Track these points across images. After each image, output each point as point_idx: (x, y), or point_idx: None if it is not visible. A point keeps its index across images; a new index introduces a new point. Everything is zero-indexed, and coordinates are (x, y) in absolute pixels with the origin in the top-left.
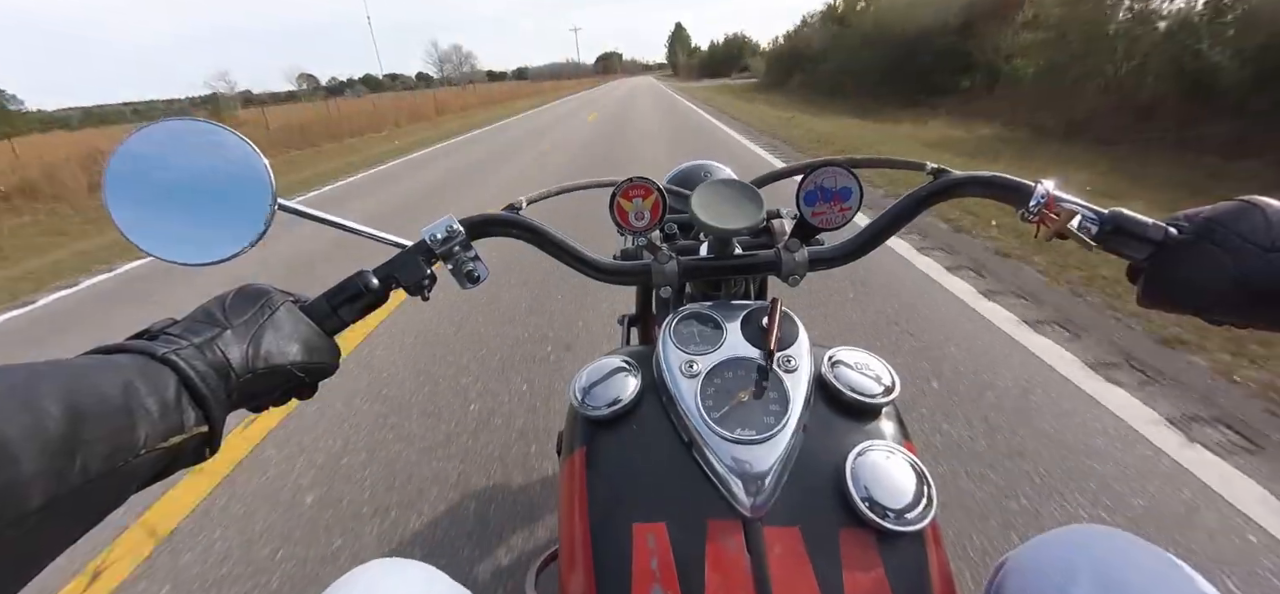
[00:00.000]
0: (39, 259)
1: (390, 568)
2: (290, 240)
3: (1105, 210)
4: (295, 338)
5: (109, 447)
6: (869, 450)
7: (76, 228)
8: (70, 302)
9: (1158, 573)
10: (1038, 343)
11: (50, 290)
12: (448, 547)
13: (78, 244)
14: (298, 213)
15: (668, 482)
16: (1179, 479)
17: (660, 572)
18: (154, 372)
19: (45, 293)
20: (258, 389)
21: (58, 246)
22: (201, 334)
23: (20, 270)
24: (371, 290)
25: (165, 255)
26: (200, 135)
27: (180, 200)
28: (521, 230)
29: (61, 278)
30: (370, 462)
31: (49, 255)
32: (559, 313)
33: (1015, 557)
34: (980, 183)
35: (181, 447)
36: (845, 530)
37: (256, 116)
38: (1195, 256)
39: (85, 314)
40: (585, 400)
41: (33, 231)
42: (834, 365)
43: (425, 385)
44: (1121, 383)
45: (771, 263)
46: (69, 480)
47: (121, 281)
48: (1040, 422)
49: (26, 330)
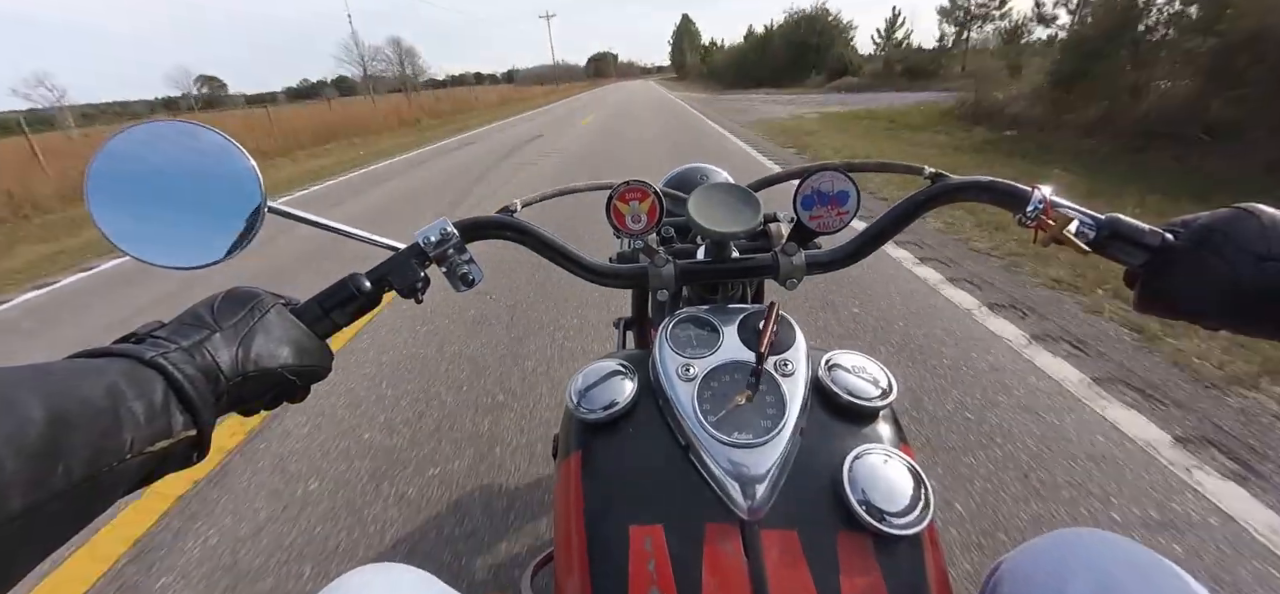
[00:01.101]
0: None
1: (381, 572)
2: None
3: (1102, 216)
4: (286, 341)
5: (93, 451)
6: (866, 454)
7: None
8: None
9: (1151, 576)
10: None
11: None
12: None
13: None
14: (288, 216)
15: (664, 485)
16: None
17: (657, 574)
18: (140, 375)
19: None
20: (248, 393)
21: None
22: (190, 337)
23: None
24: (364, 293)
25: (153, 260)
26: (186, 137)
27: (167, 203)
28: (516, 233)
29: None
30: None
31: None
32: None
33: (1009, 560)
34: (978, 188)
35: (169, 451)
36: (842, 534)
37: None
38: (1191, 263)
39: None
40: (581, 404)
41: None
42: (831, 369)
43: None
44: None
45: (769, 266)
46: (51, 485)
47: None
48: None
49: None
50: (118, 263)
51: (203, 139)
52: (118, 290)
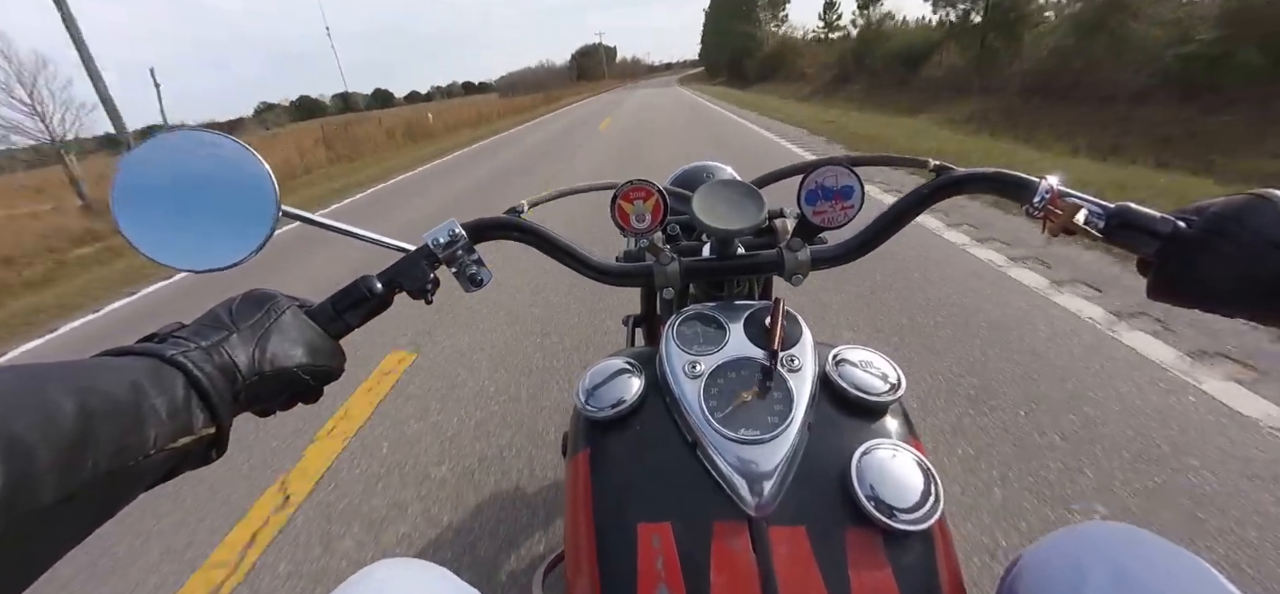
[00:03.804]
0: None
1: (399, 568)
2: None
3: (1112, 204)
4: (300, 342)
5: (119, 446)
6: (875, 449)
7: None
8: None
9: (1173, 570)
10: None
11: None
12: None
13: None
14: (301, 219)
15: (672, 482)
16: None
17: (665, 572)
18: (163, 373)
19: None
20: (264, 392)
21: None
22: (209, 337)
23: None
24: (375, 294)
25: (175, 263)
26: (204, 145)
27: (187, 209)
28: (523, 233)
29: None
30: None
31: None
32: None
33: (1028, 555)
34: (984, 179)
35: (190, 448)
36: (851, 530)
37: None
38: (1205, 251)
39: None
40: (589, 402)
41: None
42: (838, 364)
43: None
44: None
45: (774, 262)
46: (80, 477)
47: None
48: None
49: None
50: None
51: (219, 147)
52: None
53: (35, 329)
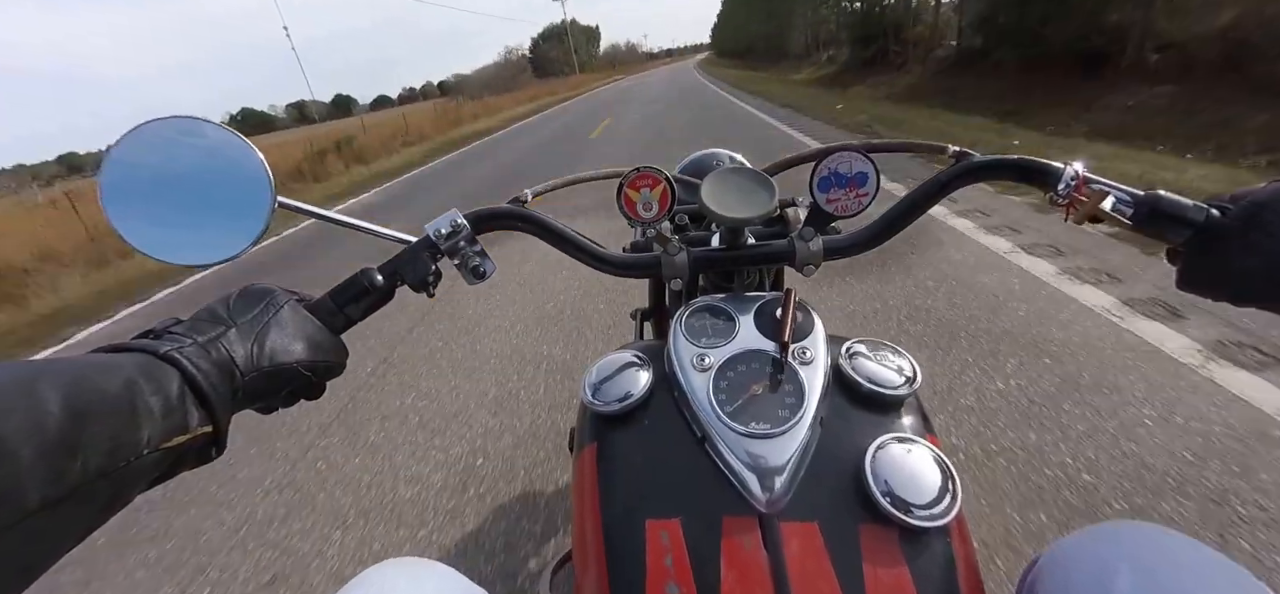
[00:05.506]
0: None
1: (405, 567)
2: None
3: (1142, 191)
4: (300, 336)
5: (110, 446)
6: (889, 444)
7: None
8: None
9: (1202, 572)
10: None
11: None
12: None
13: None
14: (298, 210)
15: (681, 477)
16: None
17: (675, 569)
18: (157, 370)
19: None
20: (263, 388)
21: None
22: (206, 333)
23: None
24: (376, 288)
25: (169, 258)
26: (191, 134)
27: (179, 201)
28: (527, 224)
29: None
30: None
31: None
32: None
33: (1050, 554)
34: (1006, 166)
35: (186, 447)
36: (865, 526)
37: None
38: (1239, 241)
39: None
40: (595, 396)
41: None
42: (851, 357)
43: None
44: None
45: (785, 252)
46: (69, 480)
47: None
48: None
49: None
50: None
51: (207, 135)
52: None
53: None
